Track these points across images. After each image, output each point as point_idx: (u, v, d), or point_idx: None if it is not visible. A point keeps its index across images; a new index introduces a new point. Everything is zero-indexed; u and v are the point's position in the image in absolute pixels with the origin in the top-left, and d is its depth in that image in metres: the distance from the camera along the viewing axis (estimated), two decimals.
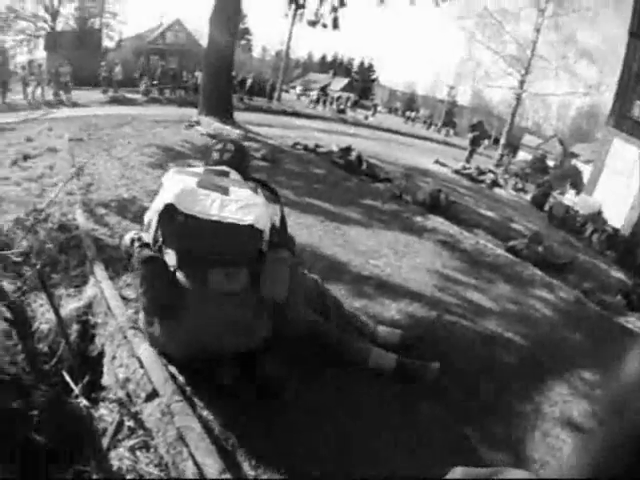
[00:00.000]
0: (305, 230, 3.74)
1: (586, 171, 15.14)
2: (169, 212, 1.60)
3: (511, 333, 2.67)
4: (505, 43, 22.23)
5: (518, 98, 22.35)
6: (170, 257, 1.64)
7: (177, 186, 1.64)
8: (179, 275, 1.63)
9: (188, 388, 1.65)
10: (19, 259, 2.58)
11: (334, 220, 4.18)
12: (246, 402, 1.63)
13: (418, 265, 3.49)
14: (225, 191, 1.68)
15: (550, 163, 19.29)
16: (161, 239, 1.66)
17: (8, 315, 1.65)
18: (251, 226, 1.63)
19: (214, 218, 1.60)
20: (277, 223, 1.87)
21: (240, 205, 1.65)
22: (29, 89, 14.91)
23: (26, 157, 5.45)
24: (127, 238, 1.82)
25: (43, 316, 2.21)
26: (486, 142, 27.07)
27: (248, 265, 1.68)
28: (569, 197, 13.20)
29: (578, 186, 14.97)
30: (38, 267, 2.16)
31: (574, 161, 24.75)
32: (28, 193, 3.99)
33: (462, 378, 2.06)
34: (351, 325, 2.16)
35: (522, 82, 21.74)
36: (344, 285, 2.75)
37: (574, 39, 21.25)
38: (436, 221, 4.94)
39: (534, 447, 1.81)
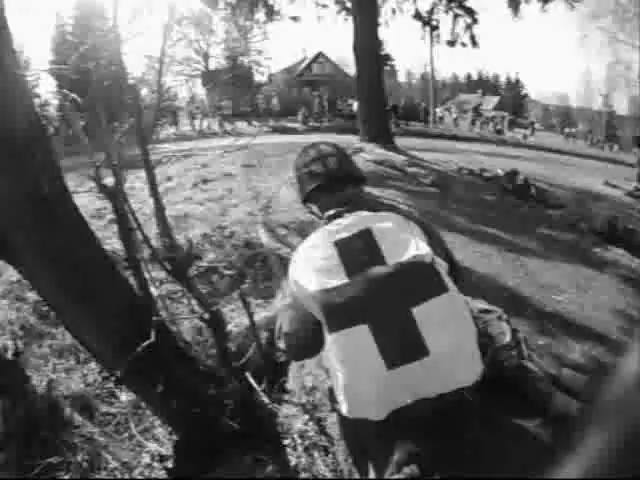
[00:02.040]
0: (484, 259, 3.79)
1: None
2: None
3: None
4: None
5: None
6: None
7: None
8: None
9: None
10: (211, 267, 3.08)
11: (511, 250, 4.13)
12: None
13: (601, 303, 3.28)
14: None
15: None
16: None
17: (206, 316, 1.94)
18: None
19: None
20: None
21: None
22: (196, 121, 17.59)
23: (205, 181, 6.43)
24: None
25: (233, 320, 2.58)
26: None
27: None
28: None
29: None
30: (232, 275, 2.57)
31: None
32: (210, 212, 4.72)
33: None
34: (534, 363, 2.03)
35: None
36: (527, 320, 2.72)
37: None
38: (616, 253, 4.59)
39: None
